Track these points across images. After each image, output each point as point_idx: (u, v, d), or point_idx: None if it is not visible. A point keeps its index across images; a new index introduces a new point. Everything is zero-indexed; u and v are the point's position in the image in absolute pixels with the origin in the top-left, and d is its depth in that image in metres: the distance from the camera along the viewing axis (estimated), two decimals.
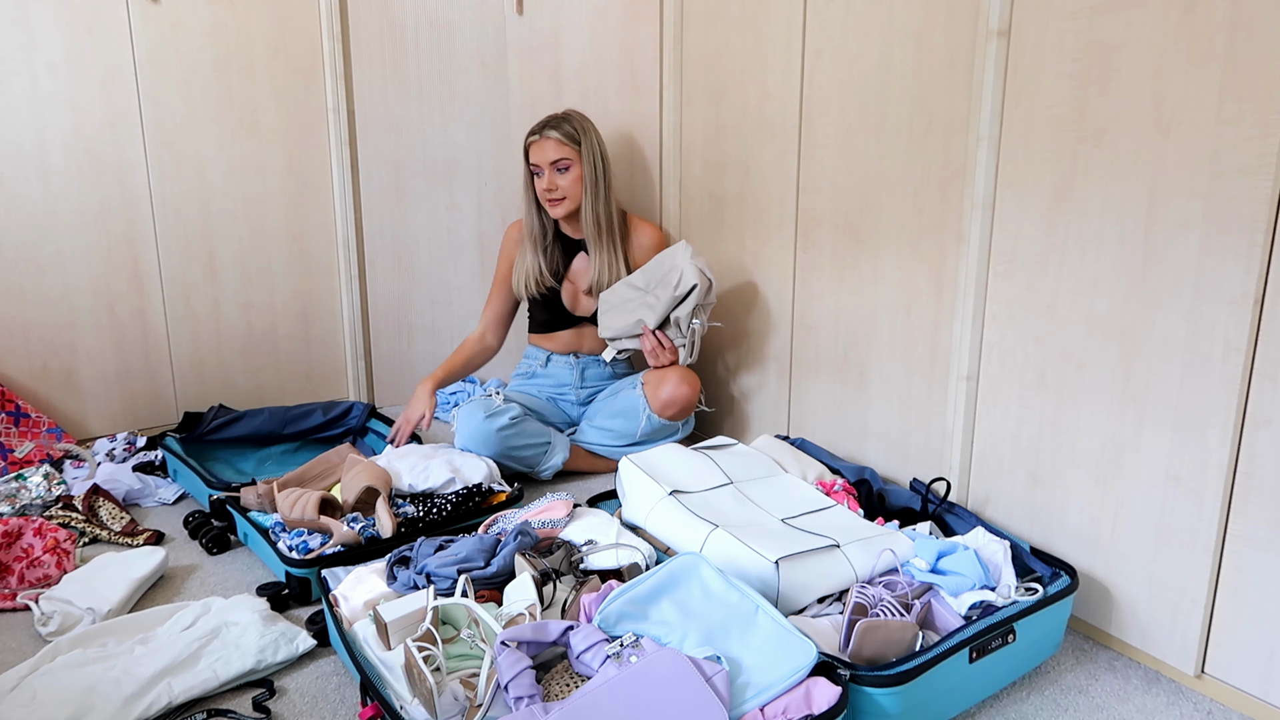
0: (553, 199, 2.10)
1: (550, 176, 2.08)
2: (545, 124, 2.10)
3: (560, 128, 2.09)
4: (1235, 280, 1.20)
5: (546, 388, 2.25)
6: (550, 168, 2.08)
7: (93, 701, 1.23)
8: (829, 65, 1.77)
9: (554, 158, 2.07)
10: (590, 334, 2.24)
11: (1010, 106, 1.45)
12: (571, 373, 2.24)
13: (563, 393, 2.24)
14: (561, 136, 2.08)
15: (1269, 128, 1.14)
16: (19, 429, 2.17)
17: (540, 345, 2.27)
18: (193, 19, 2.27)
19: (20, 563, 1.60)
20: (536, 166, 2.10)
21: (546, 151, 2.08)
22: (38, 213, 2.19)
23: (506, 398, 2.12)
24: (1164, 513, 1.33)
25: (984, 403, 1.59)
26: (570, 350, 2.25)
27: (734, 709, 1.11)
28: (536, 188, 2.12)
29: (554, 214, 2.12)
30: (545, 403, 2.22)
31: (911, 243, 1.67)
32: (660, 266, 2.03)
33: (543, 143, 2.09)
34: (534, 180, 2.12)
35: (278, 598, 1.54)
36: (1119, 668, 1.41)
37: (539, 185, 2.10)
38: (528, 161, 2.12)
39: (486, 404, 2.02)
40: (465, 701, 1.16)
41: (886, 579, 1.39)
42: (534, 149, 2.10)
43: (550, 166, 2.08)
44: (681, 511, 1.50)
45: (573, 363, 2.24)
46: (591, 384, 2.25)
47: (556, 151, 2.08)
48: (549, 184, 2.09)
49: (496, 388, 2.62)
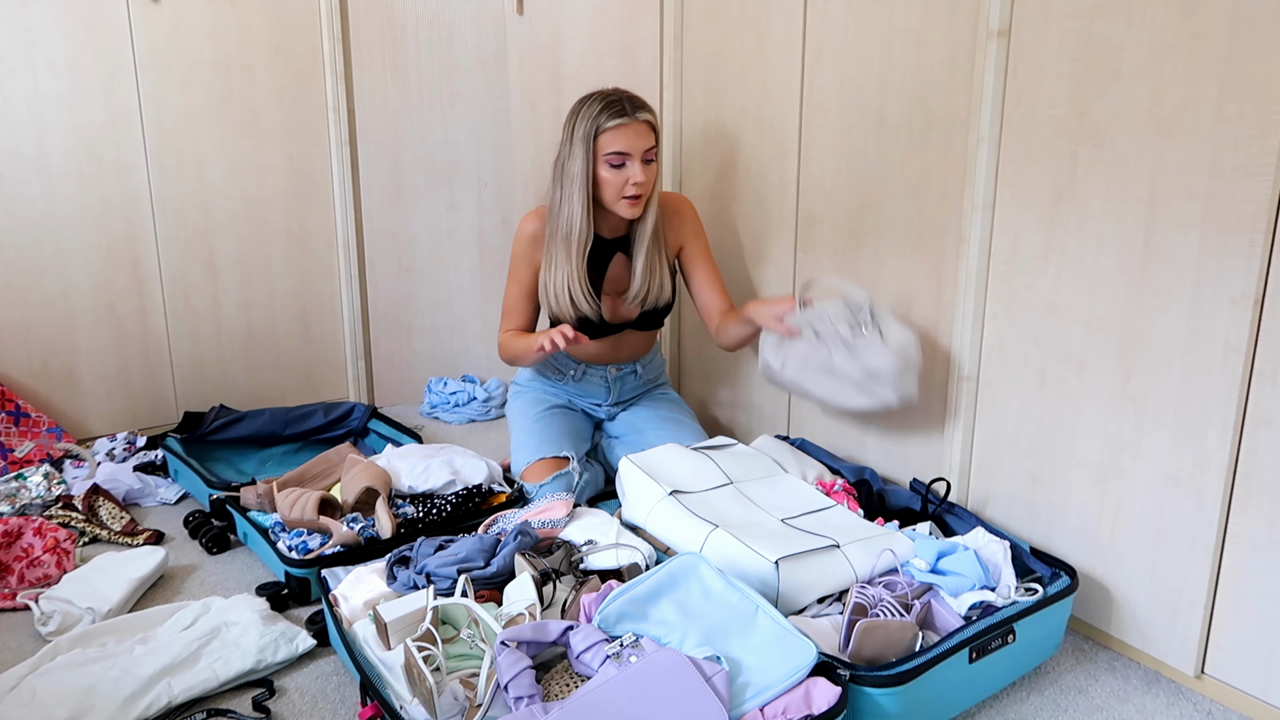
0: (639, 195, 1.79)
1: (639, 168, 1.76)
2: (629, 102, 1.77)
3: (647, 109, 1.78)
4: (1235, 280, 1.20)
5: (576, 397, 2.08)
6: (640, 157, 1.77)
7: (93, 701, 1.23)
8: (829, 65, 1.77)
9: (647, 145, 1.77)
10: (627, 341, 2.01)
11: (1010, 106, 1.45)
12: (607, 385, 2.05)
13: (595, 403, 2.08)
14: (651, 120, 1.78)
15: (1269, 128, 1.14)
16: (19, 429, 2.17)
17: (574, 354, 2.03)
18: (193, 19, 2.27)
19: (20, 562, 1.60)
20: (620, 156, 1.75)
21: (640, 137, 1.76)
22: (38, 213, 2.19)
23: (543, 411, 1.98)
24: (1164, 513, 1.33)
25: (984, 403, 1.59)
26: (608, 361, 2.03)
27: (734, 709, 1.11)
28: (610, 182, 1.78)
29: (631, 214, 1.81)
30: (568, 407, 2.06)
31: (911, 243, 1.67)
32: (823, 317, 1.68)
33: (635, 126, 1.75)
34: (602, 173, 1.78)
35: (277, 598, 1.54)
36: (1119, 668, 1.41)
37: (620, 178, 1.77)
38: (596, 150, 1.77)
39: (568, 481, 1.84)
40: (465, 701, 1.16)
41: (886, 579, 1.39)
42: (620, 134, 1.74)
43: (640, 155, 1.77)
44: (681, 511, 1.50)
45: (610, 375, 2.04)
46: (627, 395, 2.08)
47: (649, 138, 1.77)
48: (642, 176, 1.76)
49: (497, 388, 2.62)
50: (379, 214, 2.58)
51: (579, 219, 1.81)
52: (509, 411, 2.10)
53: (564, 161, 1.81)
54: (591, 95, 1.80)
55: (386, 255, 2.61)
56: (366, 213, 2.57)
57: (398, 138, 2.54)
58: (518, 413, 2.04)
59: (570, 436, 1.95)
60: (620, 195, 1.79)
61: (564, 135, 1.82)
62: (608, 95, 1.78)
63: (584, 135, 1.76)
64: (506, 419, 2.12)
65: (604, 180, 1.78)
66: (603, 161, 1.77)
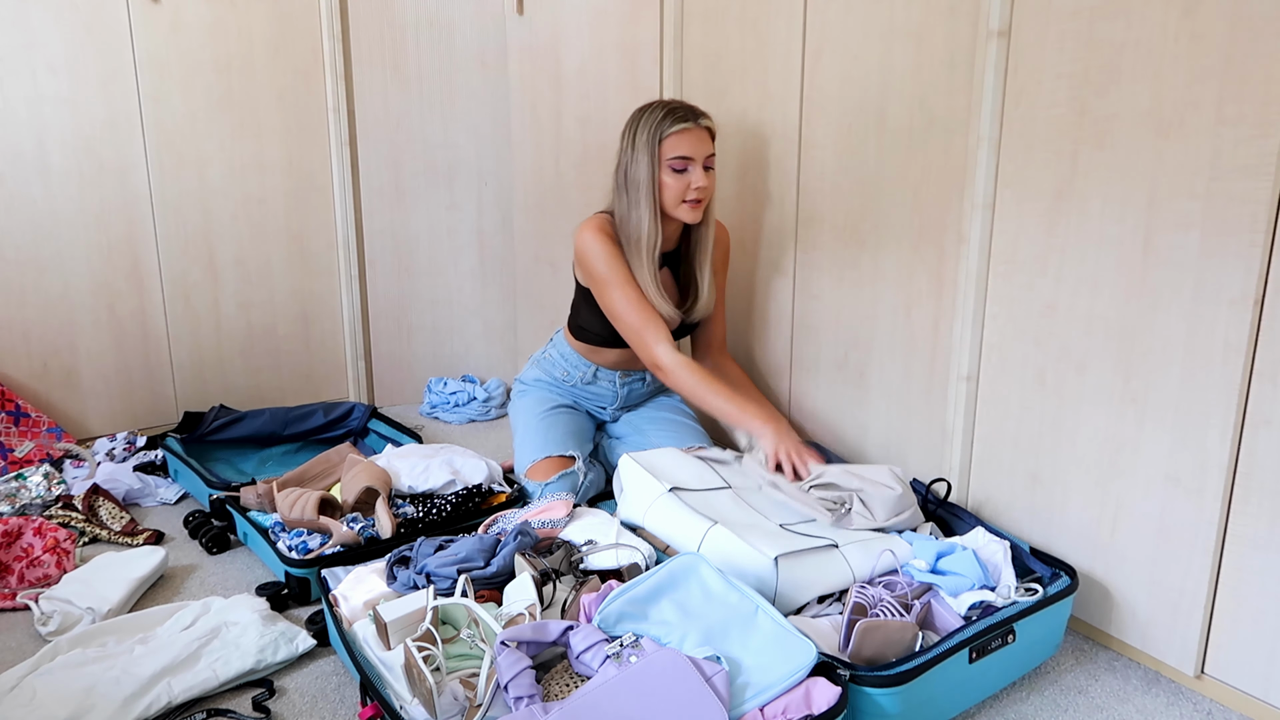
0: (701, 200, 1.81)
1: (701, 173, 1.78)
2: (690, 109, 1.80)
3: (707, 116, 1.81)
4: (1235, 280, 1.20)
5: (583, 397, 2.08)
6: (702, 162, 1.79)
7: (92, 701, 1.23)
8: (829, 65, 1.77)
9: (709, 151, 1.80)
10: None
11: (1010, 106, 1.45)
12: (615, 390, 2.05)
13: (600, 406, 2.09)
14: (712, 126, 1.82)
15: (1269, 128, 1.14)
16: (19, 429, 2.17)
17: (589, 358, 2.02)
18: (193, 19, 2.27)
19: (20, 562, 1.60)
20: (683, 160, 1.77)
21: (702, 142, 1.79)
22: (38, 213, 2.19)
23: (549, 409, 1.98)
24: (1164, 513, 1.33)
25: (984, 403, 1.59)
26: (621, 367, 2.03)
27: (734, 709, 1.11)
28: (673, 186, 1.79)
29: (692, 218, 1.82)
30: (573, 407, 2.06)
31: (911, 243, 1.67)
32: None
33: (697, 131, 1.78)
34: (665, 178, 1.79)
35: (277, 597, 1.54)
36: (1119, 668, 1.41)
37: (682, 183, 1.78)
38: (660, 155, 1.78)
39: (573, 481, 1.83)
40: (465, 701, 1.16)
41: (886, 579, 1.39)
42: (683, 139, 1.77)
43: (702, 160, 1.79)
44: (681, 507, 1.50)
45: (619, 380, 2.04)
46: (633, 400, 2.09)
47: (709, 144, 1.80)
48: (704, 181, 1.79)
49: (498, 388, 2.62)
50: (379, 214, 2.58)
51: (648, 223, 1.81)
52: (512, 410, 2.09)
53: (627, 168, 1.81)
54: (651, 104, 1.82)
55: (386, 255, 2.61)
56: (366, 213, 2.57)
57: (398, 138, 2.54)
58: (522, 411, 2.03)
59: (575, 436, 1.95)
60: (682, 199, 1.80)
61: (624, 143, 1.83)
62: (668, 103, 1.81)
63: (647, 141, 1.78)
64: (509, 419, 2.11)
65: (666, 185, 1.79)
66: (666, 166, 1.78)
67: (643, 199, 1.80)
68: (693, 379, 1.78)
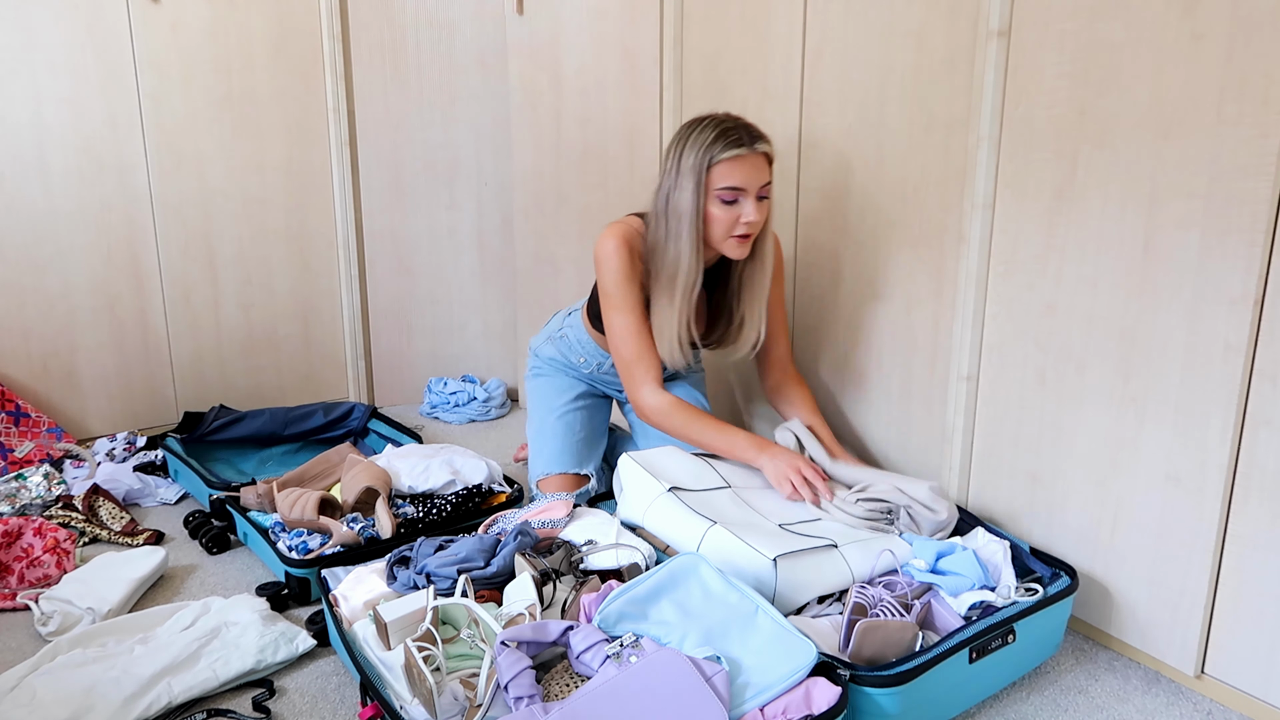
0: (750, 234, 1.60)
1: (753, 205, 1.57)
2: (746, 130, 1.57)
3: (766, 140, 1.59)
4: (1235, 280, 1.20)
5: (599, 381, 1.98)
6: (755, 193, 1.57)
7: (92, 701, 1.23)
8: (829, 65, 1.77)
9: (764, 180, 1.58)
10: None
11: (1010, 106, 1.45)
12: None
13: (617, 389, 1.99)
14: (770, 152, 1.59)
15: (1269, 128, 1.14)
16: (19, 429, 2.17)
17: (605, 348, 1.91)
18: (193, 19, 2.27)
19: (20, 563, 1.60)
20: (733, 192, 1.55)
21: (757, 171, 1.57)
22: (38, 213, 2.19)
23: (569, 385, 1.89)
24: (1164, 513, 1.33)
25: (984, 403, 1.59)
26: None
27: (734, 709, 1.11)
28: (720, 219, 1.57)
29: (738, 254, 1.62)
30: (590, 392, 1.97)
31: (911, 243, 1.67)
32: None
33: (752, 159, 1.55)
34: (711, 209, 1.57)
35: (277, 598, 1.54)
36: (1119, 668, 1.41)
37: (731, 216, 1.57)
38: (707, 184, 1.56)
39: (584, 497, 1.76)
40: (465, 701, 1.16)
41: (886, 579, 1.39)
42: (735, 167, 1.54)
43: (755, 191, 1.57)
44: (680, 507, 1.50)
45: None
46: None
47: (765, 172, 1.58)
48: (755, 215, 1.57)
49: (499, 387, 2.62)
50: (379, 214, 2.58)
51: (688, 259, 1.60)
52: (528, 391, 2.01)
53: (669, 193, 1.60)
54: (703, 120, 1.60)
55: (386, 255, 2.61)
56: (366, 213, 2.57)
57: (398, 138, 2.55)
58: (539, 403, 1.95)
59: (590, 443, 1.89)
60: (729, 234, 1.59)
61: (669, 163, 1.61)
62: (721, 121, 1.57)
63: (694, 166, 1.56)
64: (525, 395, 2.00)
65: (713, 217, 1.58)
66: (713, 197, 1.57)
67: (685, 231, 1.58)
68: (676, 421, 1.67)
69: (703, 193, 1.57)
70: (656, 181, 1.66)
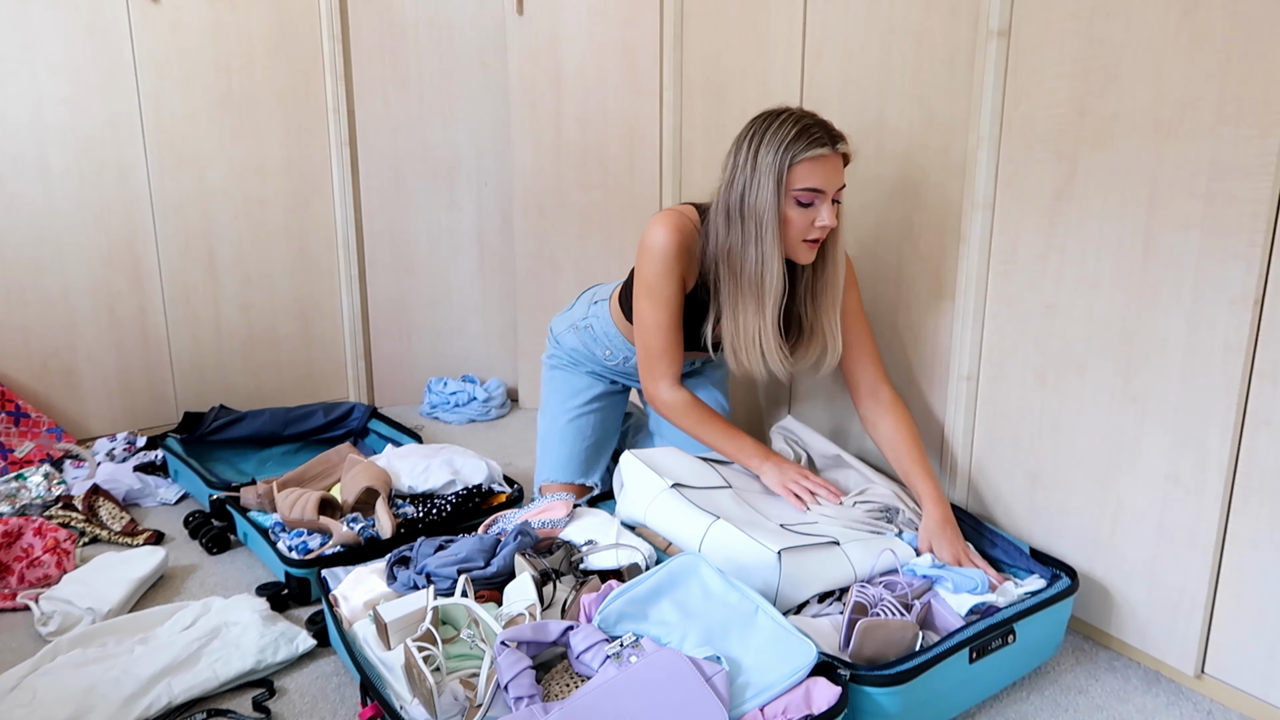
0: (820, 240, 1.53)
1: (829, 209, 1.48)
2: (826, 130, 1.48)
3: (845, 139, 1.50)
4: (1235, 280, 1.20)
5: (621, 374, 1.93)
6: (832, 195, 1.49)
7: (93, 701, 1.23)
8: (829, 65, 1.77)
9: (841, 183, 1.50)
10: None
11: (1010, 106, 1.45)
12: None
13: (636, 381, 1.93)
14: (849, 153, 1.52)
15: (1269, 128, 1.14)
16: (19, 429, 2.17)
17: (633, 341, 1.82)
18: (193, 19, 2.27)
19: (20, 563, 1.60)
20: (811, 194, 1.47)
21: (837, 173, 1.49)
22: (38, 213, 2.19)
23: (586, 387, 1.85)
24: (1164, 513, 1.33)
25: (984, 403, 1.59)
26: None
27: (734, 709, 1.11)
28: (795, 222, 1.49)
29: (806, 258, 1.54)
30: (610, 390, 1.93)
31: (911, 242, 1.67)
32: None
33: (833, 159, 1.48)
34: (788, 210, 1.49)
35: (277, 598, 1.54)
36: (1119, 668, 1.41)
37: (806, 219, 1.49)
38: (787, 183, 1.47)
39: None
40: (465, 701, 1.16)
41: (886, 579, 1.39)
42: (816, 167, 1.46)
43: (833, 194, 1.49)
44: (683, 503, 1.50)
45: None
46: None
47: (842, 174, 1.51)
48: (830, 220, 1.49)
49: (499, 387, 2.62)
50: (379, 214, 2.58)
51: (775, 266, 1.50)
52: (544, 379, 1.96)
53: (744, 192, 1.50)
54: (778, 115, 1.49)
55: (386, 255, 2.61)
56: (366, 213, 2.57)
57: (398, 138, 2.54)
58: (552, 399, 1.91)
59: (599, 446, 1.88)
60: (803, 238, 1.51)
61: (741, 158, 1.50)
62: (801, 118, 1.48)
63: (773, 163, 1.46)
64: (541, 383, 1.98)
65: (788, 219, 1.49)
66: (790, 198, 1.48)
67: (767, 234, 1.48)
68: (689, 420, 1.65)
69: (782, 193, 1.47)
70: (724, 175, 1.54)
